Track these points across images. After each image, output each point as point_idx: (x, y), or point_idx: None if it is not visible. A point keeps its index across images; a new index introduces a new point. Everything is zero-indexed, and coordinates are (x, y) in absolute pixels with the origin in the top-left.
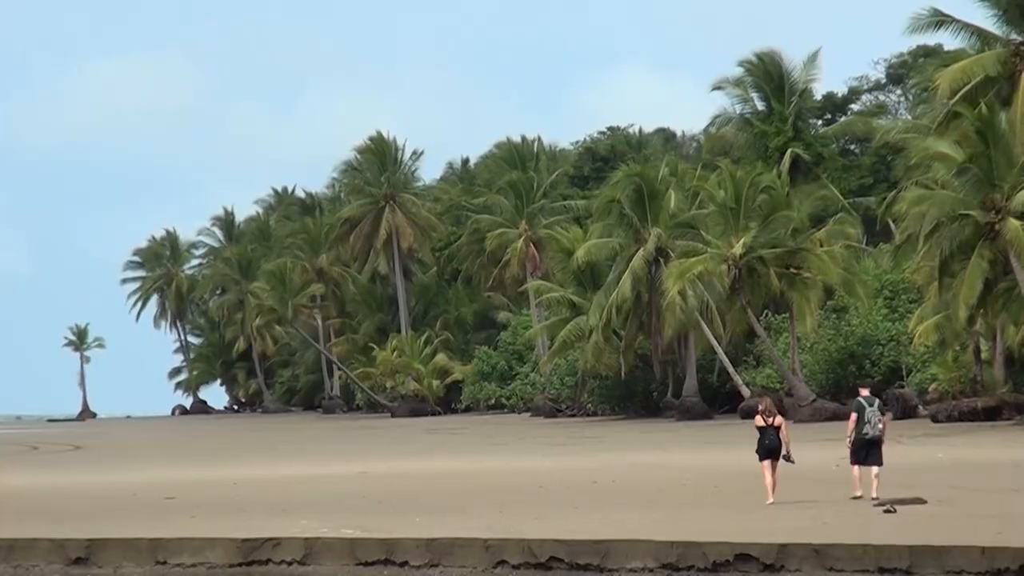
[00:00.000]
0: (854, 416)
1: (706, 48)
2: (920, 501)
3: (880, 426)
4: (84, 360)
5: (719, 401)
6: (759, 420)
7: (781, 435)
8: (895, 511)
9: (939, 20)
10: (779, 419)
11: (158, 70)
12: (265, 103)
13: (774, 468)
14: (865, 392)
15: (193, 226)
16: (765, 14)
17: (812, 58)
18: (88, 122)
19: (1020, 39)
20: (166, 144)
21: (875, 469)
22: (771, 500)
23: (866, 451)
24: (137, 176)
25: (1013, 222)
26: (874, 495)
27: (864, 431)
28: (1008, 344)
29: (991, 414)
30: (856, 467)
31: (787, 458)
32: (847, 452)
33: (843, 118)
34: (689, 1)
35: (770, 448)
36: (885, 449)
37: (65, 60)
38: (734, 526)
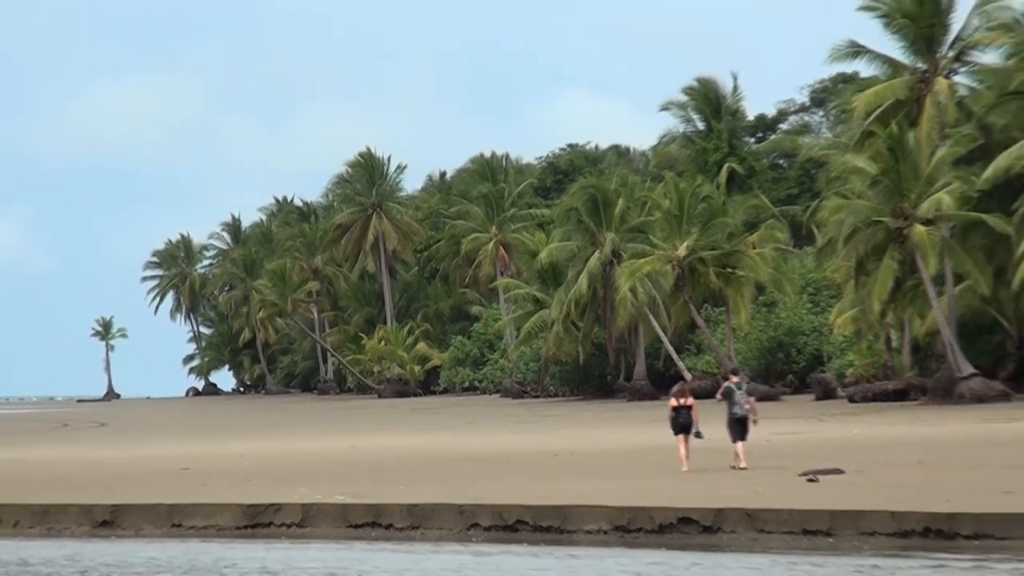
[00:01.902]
0: (720, 398)
1: (641, 74)
2: (838, 471)
3: (747, 406)
4: (109, 348)
5: (665, 384)
6: (673, 401)
7: (692, 415)
8: (817, 480)
9: (856, 50)
10: (690, 400)
11: (164, 89)
12: (262, 119)
13: (686, 441)
14: (735, 379)
15: (199, 228)
16: (697, 45)
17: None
18: (102, 136)
19: (925, 67)
20: (173, 155)
21: (740, 444)
22: (686, 468)
23: (738, 427)
24: (148, 184)
25: (919, 228)
26: (743, 465)
27: (735, 411)
28: (914, 334)
29: (900, 395)
30: (737, 444)
31: (697, 434)
32: (776, 428)
33: (772, 136)
34: (621, 34)
35: (683, 425)
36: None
37: (80, 81)
38: (677, 493)
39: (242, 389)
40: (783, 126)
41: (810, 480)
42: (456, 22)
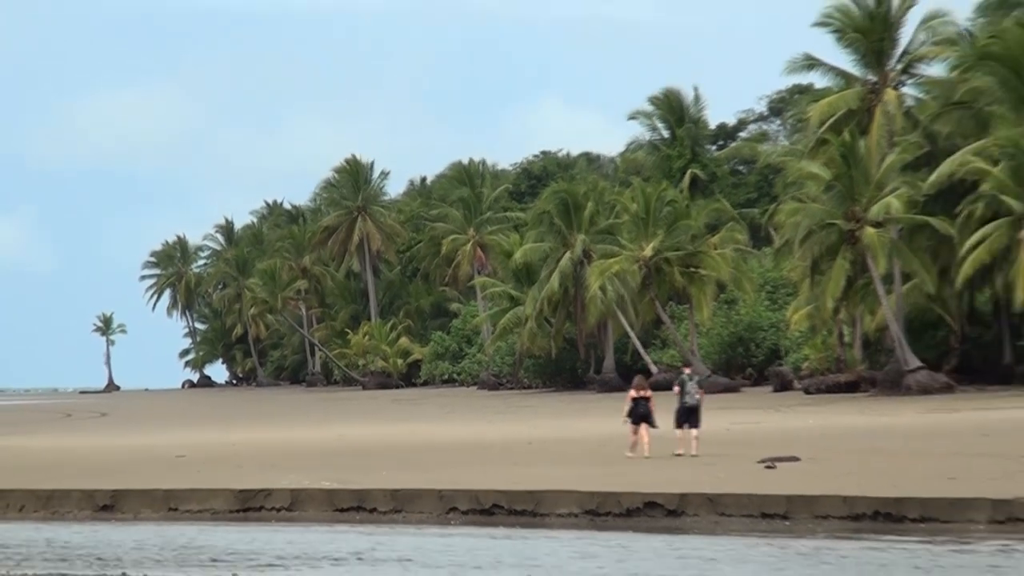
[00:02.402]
0: (678, 388)
1: (610, 86)
2: (795, 459)
3: (697, 396)
4: (110, 343)
5: (632, 376)
6: (633, 393)
7: (650, 405)
8: (775, 467)
9: (811, 63)
10: (648, 392)
11: (160, 97)
12: (253, 126)
13: (645, 430)
14: (687, 370)
15: (194, 230)
16: (662, 59)
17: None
18: (103, 142)
19: (875, 79)
20: (170, 161)
21: (694, 432)
22: (647, 454)
23: (687, 417)
24: (146, 188)
25: (869, 230)
26: (694, 453)
27: (686, 400)
28: (865, 330)
29: (851, 387)
30: (679, 430)
31: (652, 424)
32: (736, 418)
33: (733, 144)
34: (591, 47)
35: (641, 415)
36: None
37: (81, 90)
38: (644, 479)
39: (235, 381)
40: (743, 134)
41: (768, 467)
42: (434, 38)
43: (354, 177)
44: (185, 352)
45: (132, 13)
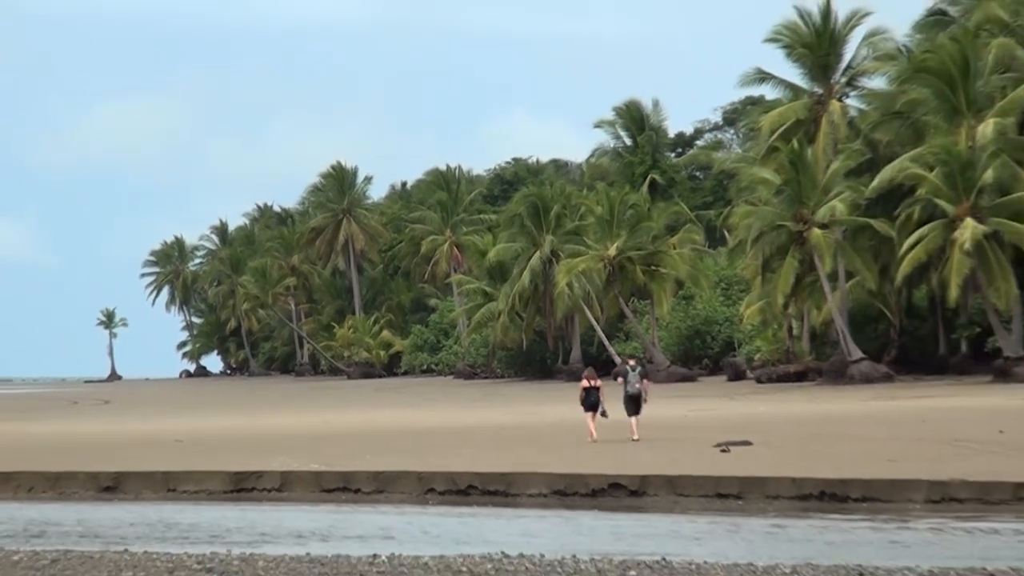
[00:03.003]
0: (621, 379)
1: (577, 96)
2: (747, 443)
3: (638, 386)
4: (112, 335)
5: (598, 367)
6: (585, 383)
7: (600, 395)
8: (729, 451)
9: (762, 76)
10: (598, 383)
11: (157, 109)
12: (244, 135)
13: (594, 418)
14: (632, 362)
15: (191, 231)
16: (625, 71)
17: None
18: (101, 149)
19: (820, 91)
20: (166, 167)
21: (634, 419)
22: (595, 439)
23: (632, 404)
24: (147, 192)
25: (816, 231)
26: (635, 437)
27: (627, 389)
28: (812, 324)
29: (800, 377)
30: (632, 418)
31: (603, 413)
32: (693, 405)
33: (690, 151)
34: (559, 61)
35: (593, 403)
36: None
37: (84, 102)
38: (608, 462)
39: (228, 371)
40: (699, 142)
41: (723, 451)
42: (411, 55)
43: (339, 182)
44: (182, 344)
45: (130, 32)
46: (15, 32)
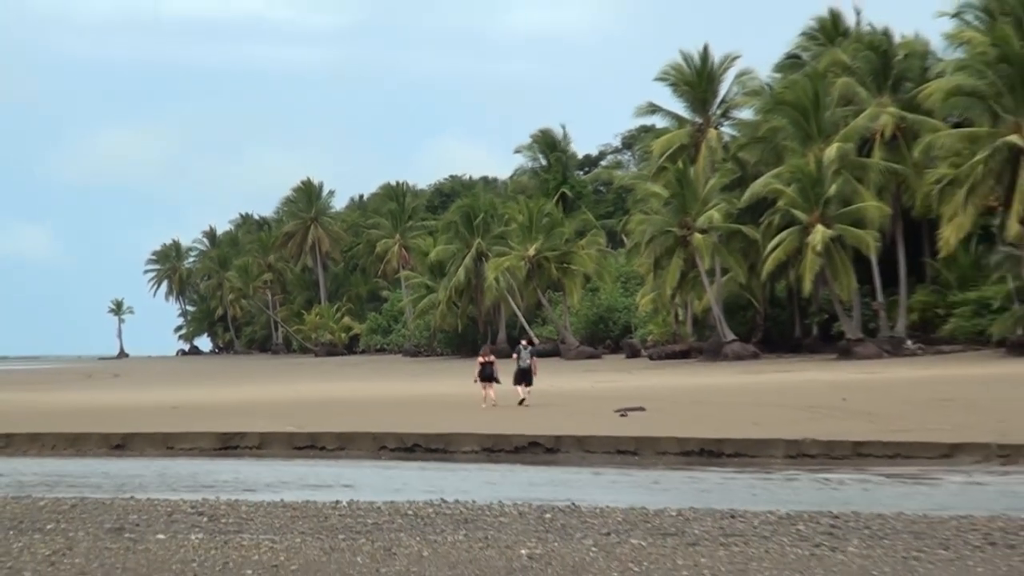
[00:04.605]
0: (515, 356)
1: (499, 125)
2: (642, 409)
3: (528, 362)
4: (121, 320)
5: (515, 344)
6: (481, 359)
7: (494, 368)
8: (627, 415)
9: (653, 108)
10: (492, 358)
11: (152, 134)
12: (223, 156)
13: (491, 387)
14: (524, 342)
15: (186, 235)
16: (538, 100)
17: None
18: (109, 167)
19: (700, 121)
20: (162, 181)
21: (527, 388)
22: (495, 404)
23: (522, 377)
24: (147, 202)
25: (697, 236)
26: (526, 401)
27: (519, 364)
28: (694, 311)
29: (684, 355)
30: (517, 386)
31: (497, 381)
32: (598, 378)
33: (595, 170)
34: (488, 91)
35: (488, 375)
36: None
37: (93, 127)
38: (528, 425)
39: (217, 350)
40: (603, 162)
41: (622, 415)
42: (369, 84)
43: (308, 194)
44: (179, 328)
45: (132, 71)
46: (42, 71)
